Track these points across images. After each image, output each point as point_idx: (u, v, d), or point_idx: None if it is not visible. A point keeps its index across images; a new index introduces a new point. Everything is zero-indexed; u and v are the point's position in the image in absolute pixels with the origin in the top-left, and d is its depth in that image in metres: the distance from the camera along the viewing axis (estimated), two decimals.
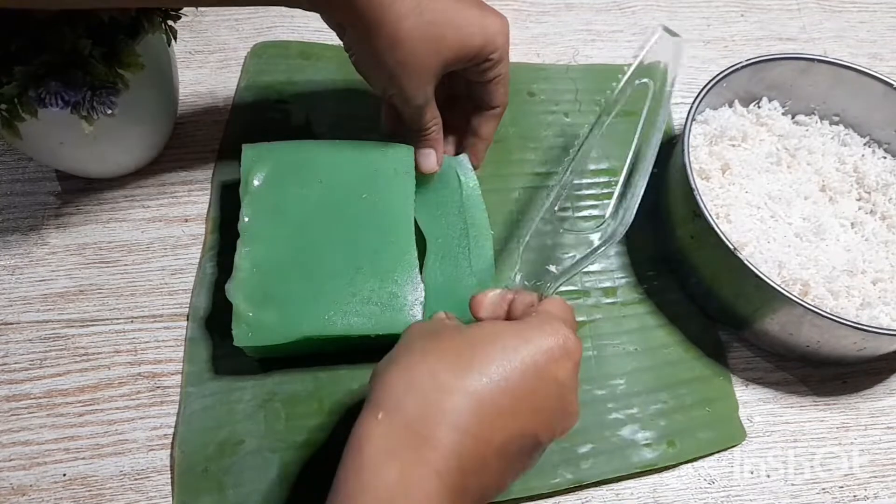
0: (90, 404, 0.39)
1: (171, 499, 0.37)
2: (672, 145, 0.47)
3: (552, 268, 0.36)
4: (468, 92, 0.44)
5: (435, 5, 0.37)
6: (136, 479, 0.37)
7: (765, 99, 0.50)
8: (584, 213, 0.48)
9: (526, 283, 0.36)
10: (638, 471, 0.40)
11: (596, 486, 0.39)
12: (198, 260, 0.44)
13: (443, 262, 0.43)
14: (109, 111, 0.39)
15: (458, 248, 0.43)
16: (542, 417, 0.30)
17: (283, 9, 0.38)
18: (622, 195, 0.37)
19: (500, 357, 0.29)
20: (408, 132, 0.43)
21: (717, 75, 0.46)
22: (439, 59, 0.38)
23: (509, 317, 0.33)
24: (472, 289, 0.42)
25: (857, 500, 0.40)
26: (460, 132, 0.47)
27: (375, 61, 0.38)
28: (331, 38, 0.40)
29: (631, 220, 0.35)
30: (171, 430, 0.39)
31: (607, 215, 0.38)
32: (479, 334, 0.30)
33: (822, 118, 0.51)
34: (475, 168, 0.46)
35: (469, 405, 0.27)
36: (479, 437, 0.27)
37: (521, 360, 0.29)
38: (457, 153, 0.47)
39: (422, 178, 0.44)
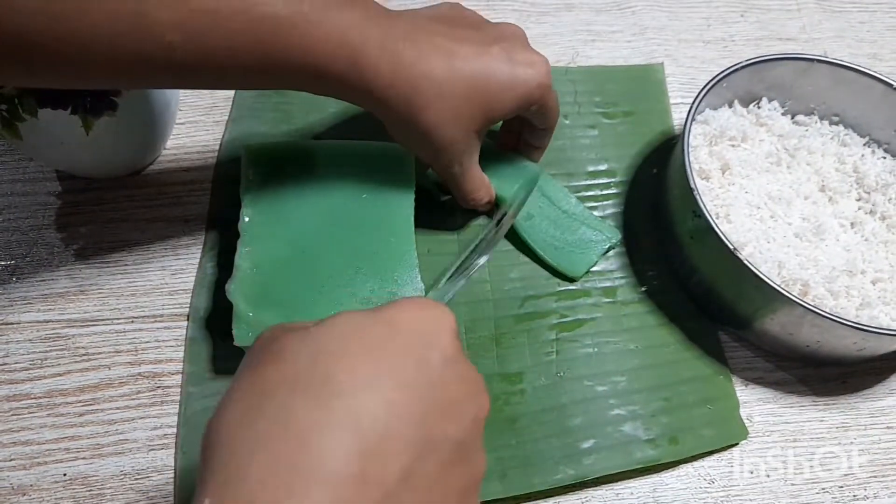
0: (90, 404, 0.39)
1: (171, 499, 0.37)
2: (672, 145, 0.47)
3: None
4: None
5: (455, 87, 0.36)
6: (136, 479, 0.38)
7: (765, 99, 0.50)
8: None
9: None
10: (641, 467, 0.39)
11: (596, 485, 0.39)
12: (198, 260, 0.44)
13: None
14: (110, 111, 0.39)
15: None
16: (441, 406, 0.23)
17: None
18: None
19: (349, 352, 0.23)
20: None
21: (717, 75, 0.46)
22: (467, 133, 0.38)
23: None
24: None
25: (857, 499, 0.40)
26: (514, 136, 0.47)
27: (407, 143, 0.40)
28: None
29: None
30: (172, 430, 0.39)
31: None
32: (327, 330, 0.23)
33: (821, 118, 0.51)
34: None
35: (342, 439, 0.21)
36: (365, 478, 0.20)
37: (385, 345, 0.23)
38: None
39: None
